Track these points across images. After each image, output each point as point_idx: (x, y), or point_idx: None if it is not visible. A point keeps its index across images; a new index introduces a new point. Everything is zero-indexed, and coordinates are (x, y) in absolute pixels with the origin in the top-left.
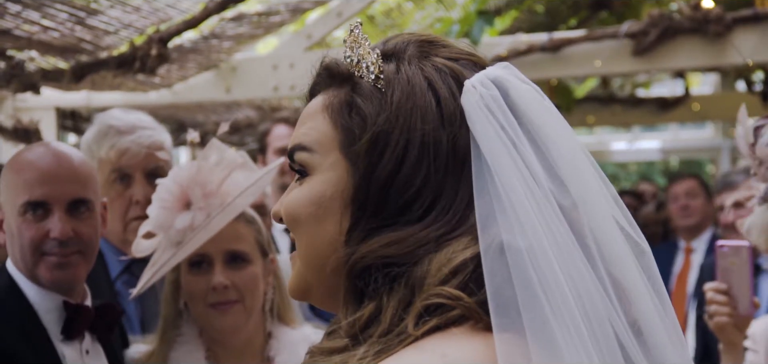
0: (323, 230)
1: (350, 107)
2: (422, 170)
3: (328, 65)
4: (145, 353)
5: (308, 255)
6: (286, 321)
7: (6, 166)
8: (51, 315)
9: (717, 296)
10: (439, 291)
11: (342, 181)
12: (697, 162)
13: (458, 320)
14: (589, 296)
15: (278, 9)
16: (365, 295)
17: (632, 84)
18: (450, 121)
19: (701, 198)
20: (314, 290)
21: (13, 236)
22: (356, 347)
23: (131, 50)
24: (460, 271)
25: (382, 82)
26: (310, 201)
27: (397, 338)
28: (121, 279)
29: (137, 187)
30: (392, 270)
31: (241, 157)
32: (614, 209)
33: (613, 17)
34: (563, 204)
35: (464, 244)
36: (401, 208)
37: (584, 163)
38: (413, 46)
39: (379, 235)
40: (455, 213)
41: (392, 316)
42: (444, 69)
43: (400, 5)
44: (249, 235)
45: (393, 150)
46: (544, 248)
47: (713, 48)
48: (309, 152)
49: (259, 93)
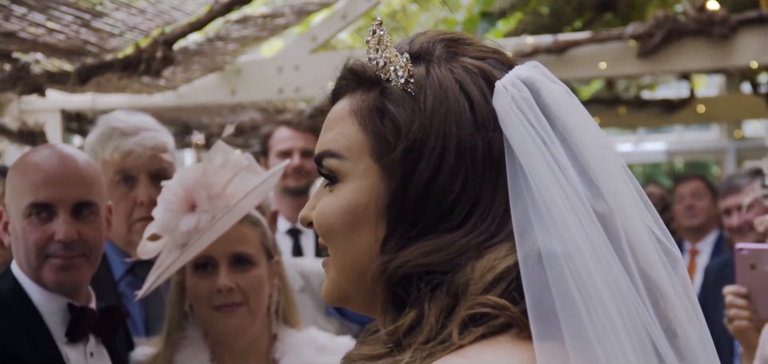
0: (359, 239)
1: (381, 113)
2: (459, 177)
3: (354, 68)
4: (150, 355)
5: (344, 265)
6: (291, 323)
7: (11, 168)
8: (55, 317)
9: (737, 300)
10: (484, 300)
11: (375, 188)
12: (703, 164)
13: (503, 328)
14: (626, 301)
15: (283, 11)
16: (406, 303)
17: (637, 86)
18: (484, 125)
19: (707, 199)
20: (352, 297)
21: (18, 237)
22: (400, 354)
23: (136, 52)
24: (503, 279)
25: (412, 85)
26: (344, 210)
27: (441, 346)
28: (124, 281)
29: (141, 188)
30: (433, 278)
31: (246, 159)
32: (646, 215)
33: (618, 19)
34: (597, 209)
35: (505, 250)
36: (440, 216)
37: (616, 166)
38: (440, 45)
39: (418, 243)
40: (494, 219)
41: (435, 323)
42: (474, 70)
43: (404, 7)
44: (254, 237)
45: (429, 157)
46: (581, 253)
47: (718, 50)
48: (339, 159)
49: (264, 95)
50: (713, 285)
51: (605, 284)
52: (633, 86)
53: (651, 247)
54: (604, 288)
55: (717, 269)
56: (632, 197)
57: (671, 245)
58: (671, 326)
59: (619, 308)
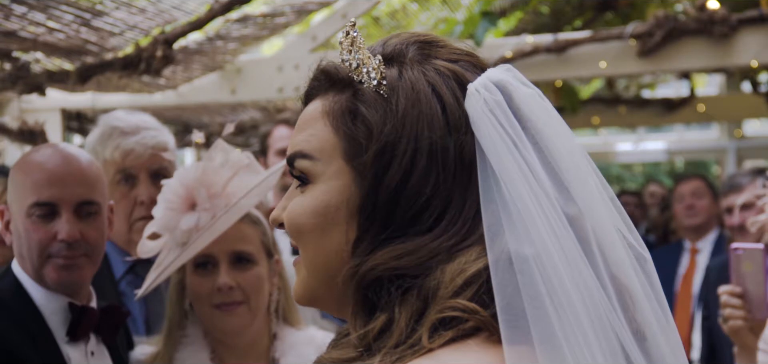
0: (329, 240)
1: (353, 115)
2: (431, 179)
3: (327, 69)
4: (150, 354)
5: (314, 266)
6: (291, 322)
7: (14, 167)
8: (56, 316)
9: (731, 300)
10: (454, 304)
11: (347, 190)
12: (703, 163)
13: (473, 331)
14: (595, 303)
15: (283, 10)
16: (376, 306)
17: (637, 85)
18: (456, 128)
19: (707, 198)
20: (322, 298)
21: (20, 236)
22: (370, 358)
23: (136, 52)
24: (473, 282)
25: (384, 88)
26: (315, 211)
27: (411, 350)
28: (125, 280)
29: (142, 187)
30: (404, 282)
31: (246, 158)
32: (616, 217)
33: (619, 18)
34: (568, 211)
35: (476, 254)
36: (411, 218)
37: (587, 168)
38: (413, 48)
39: (389, 246)
40: (465, 222)
41: (405, 327)
42: (446, 72)
43: (404, 6)
44: (254, 236)
45: (401, 160)
46: (551, 256)
47: (718, 49)
48: (311, 160)
49: (264, 94)
50: (715, 284)
51: (575, 287)
52: (633, 85)
53: (621, 249)
54: (573, 291)
55: (718, 268)
56: (603, 200)
57: (641, 248)
58: (640, 329)
59: (589, 311)
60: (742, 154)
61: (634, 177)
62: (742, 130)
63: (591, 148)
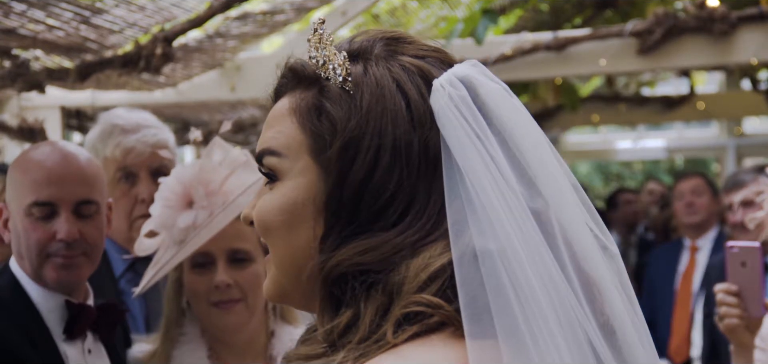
0: (296, 237)
1: (319, 111)
2: (395, 175)
3: (294, 66)
4: (148, 352)
5: (283, 262)
6: (288, 320)
7: (12, 166)
8: (53, 315)
9: (727, 298)
10: (418, 299)
11: (313, 186)
12: (702, 161)
13: (437, 326)
14: (560, 298)
15: (283, 8)
16: (342, 302)
17: (637, 83)
18: (420, 123)
19: (706, 196)
20: (291, 295)
21: (18, 235)
22: (334, 354)
23: (136, 49)
24: (438, 276)
25: (350, 84)
26: (282, 208)
27: (375, 345)
28: (125, 278)
29: (142, 185)
30: (368, 277)
31: (243, 155)
32: (583, 211)
33: (618, 16)
34: (533, 206)
35: (440, 248)
36: (375, 214)
37: (553, 163)
38: (380, 44)
39: (353, 242)
40: (429, 217)
41: (370, 323)
42: (412, 68)
43: (404, 4)
44: (251, 233)
45: (365, 155)
46: (515, 250)
47: (718, 46)
48: (278, 157)
49: (264, 92)
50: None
51: (540, 282)
52: (633, 83)
53: (589, 242)
54: (538, 285)
55: (719, 265)
56: (570, 194)
57: (608, 242)
58: (609, 322)
59: (554, 305)
60: (742, 152)
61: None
62: (741, 128)
63: (590, 146)
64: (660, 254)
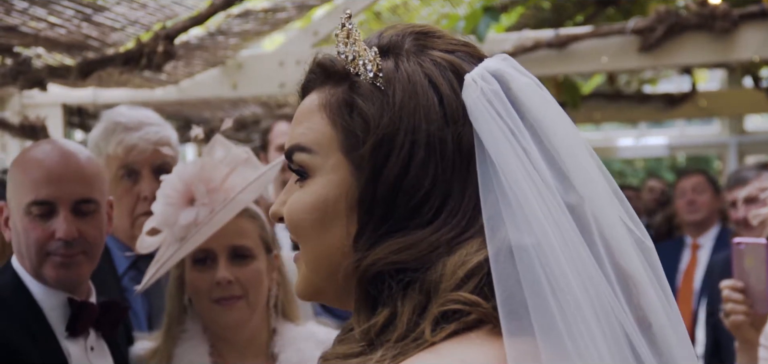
0: (329, 235)
1: (350, 107)
2: (430, 172)
3: (322, 62)
4: (150, 349)
5: (315, 260)
6: (290, 317)
7: (13, 164)
8: (56, 312)
9: (733, 294)
10: (456, 297)
11: (345, 183)
12: (704, 158)
13: (475, 324)
14: (598, 293)
15: (284, 5)
16: (378, 301)
17: (639, 80)
18: (453, 119)
19: (708, 194)
20: (325, 292)
21: (18, 234)
22: (372, 352)
23: (138, 47)
24: (475, 274)
25: (381, 80)
26: (314, 206)
27: (414, 343)
28: (128, 275)
29: (145, 183)
30: (405, 275)
31: (244, 153)
32: (617, 206)
33: (620, 13)
34: (568, 200)
35: (477, 245)
36: (410, 211)
37: (587, 157)
38: (409, 39)
39: (389, 240)
40: (464, 214)
41: (408, 321)
42: (443, 63)
43: (406, 2)
44: (253, 230)
45: (399, 152)
46: (551, 245)
47: (720, 44)
48: (308, 153)
49: (266, 90)
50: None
51: (577, 277)
52: (634, 81)
53: (624, 237)
54: (575, 280)
55: (723, 263)
56: (604, 188)
57: (644, 236)
58: (645, 317)
59: (591, 300)
60: (744, 150)
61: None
62: (743, 126)
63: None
64: (661, 252)
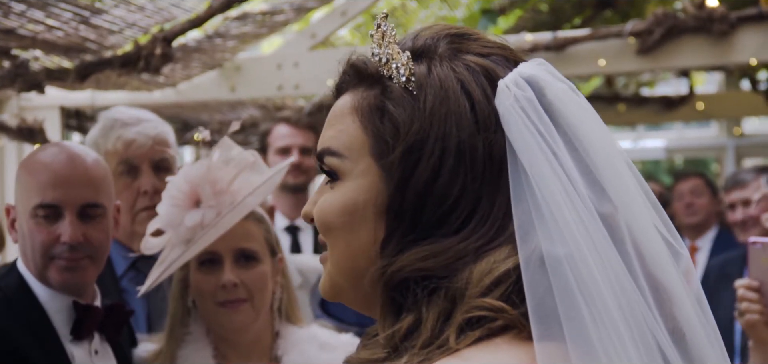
0: (357, 238)
1: (381, 112)
2: (459, 180)
3: (356, 64)
4: (153, 351)
5: (342, 263)
6: (293, 320)
7: (20, 167)
8: (60, 315)
9: (748, 293)
10: (482, 303)
11: (374, 188)
12: (702, 161)
13: (501, 330)
14: (630, 303)
15: (282, 8)
16: (403, 307)
17: (636, 83)
18: (485, 126)
19: (706, 196)
20: (348, 294)
21: (24, 236)
22: (397, 359)
23: (135, 49)
24: (502, 282)
25: (413, 84)
26: (343, 209)
27: (438, 350)
28: (127, 277)
29: (144, 178)
30: (431, 282)
31: (251, 156)
32: (653, 215)
33: (618, 16)
34: (601, 210)
35: (505, 253)
36: (438, 219)
37: (622, 165)
38: (444, 42)
39: (416, 247)
40: (493, 223)
41: (432, 328)
42: (476, 68)
43: (404, 4)
44: (258, 234)
45: (428, 159)
46: (584, 256)
47: (718, 47)
48: (339, 157)
49: (264, 92)
50: (715, 282)
51: (609, 287)
52: (632, 83)
53: (659, 247)
54: (607, 291)
55: (718, 266)
56: (639, 197)
57: (680, 247)
58: (678, 327)
59: (623, 310)
60: (741, 152)
61: None
62: (741, 128)
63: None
64: None
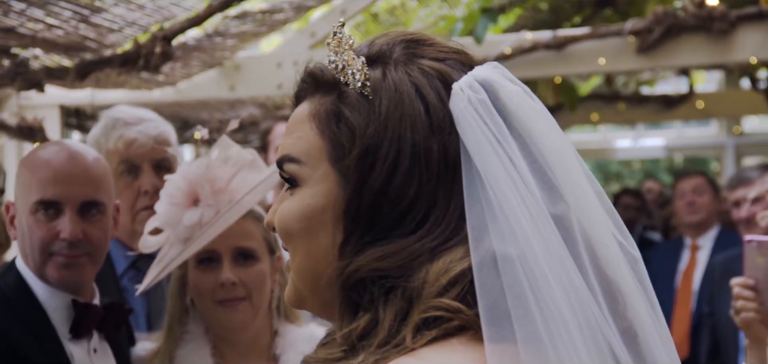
0: (317, 243)
1: (338, 117)
2: (414, 181)
3: (313, 71)
4: (152, 350)
5: (302, 268)
6: (292, 319)
7: (20, 163)
8: (59, 314)
9: (744, 292)
10: (438, 303)
11: (333, 193)
12: (702, 160)
13: (457, 330)
14: (581, 303)
15: (282, 7)
16: (360, 306)
17: (636, 82)
18: (440, 128)
19: (708, 195)
20: (309, 301)
21: (23, 233)
22: (353, 357)
23: (135, 48)
24: (458, 282)
25: (368, 89)
26: (302, 215)
27: (394, 349)
28: (127, 275)
29: (145, 177)
30: (387, 282)
31: (250, 154)
32: (605, 216)
33: (618, 15)
34: (554, 211)
35: (461, 253)
36: (394, 220)
37: (575, 167)
38: (399, 47)
39: (372, 248)
40: (449, 223)
41: (389, 327)
42: (431, 72)
43: (403, 3)
44: (257, 232)
45: (383, 162)
46: (536, 256)
47: (717, 45)
48: (298, 164)
49: (263, 91)
50: (719, 281)
51: (560, 287)
52: (632, 82)
53: (612, 247)
54: (558, 291)
55: (723, 264)
56: (591, 197)
57: (630, 246)
58: (631, 327)
59: (574, 310)
60: (741, 151)
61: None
62: (741, 127)
63: (590, 145)
64: (660, 253)
